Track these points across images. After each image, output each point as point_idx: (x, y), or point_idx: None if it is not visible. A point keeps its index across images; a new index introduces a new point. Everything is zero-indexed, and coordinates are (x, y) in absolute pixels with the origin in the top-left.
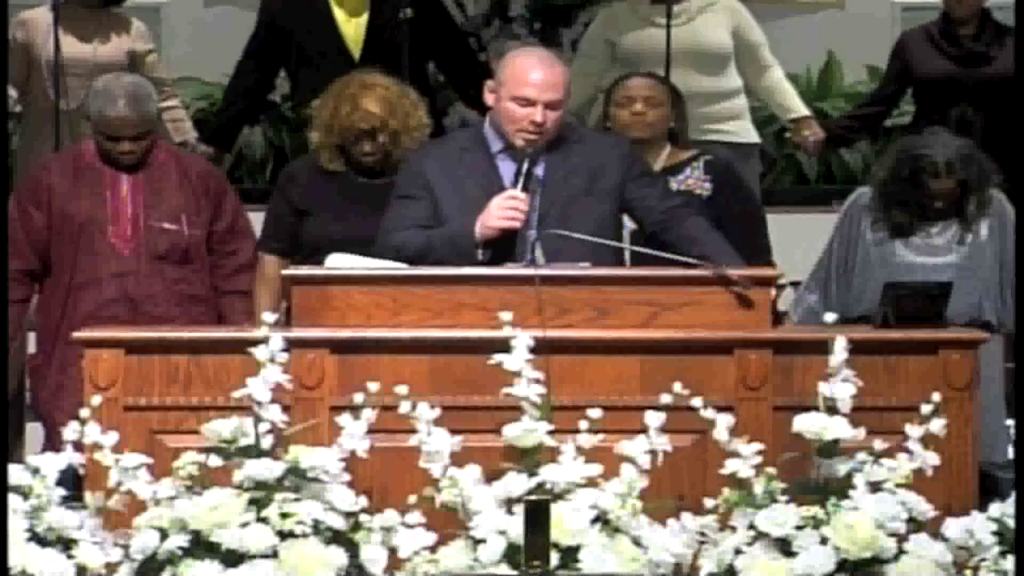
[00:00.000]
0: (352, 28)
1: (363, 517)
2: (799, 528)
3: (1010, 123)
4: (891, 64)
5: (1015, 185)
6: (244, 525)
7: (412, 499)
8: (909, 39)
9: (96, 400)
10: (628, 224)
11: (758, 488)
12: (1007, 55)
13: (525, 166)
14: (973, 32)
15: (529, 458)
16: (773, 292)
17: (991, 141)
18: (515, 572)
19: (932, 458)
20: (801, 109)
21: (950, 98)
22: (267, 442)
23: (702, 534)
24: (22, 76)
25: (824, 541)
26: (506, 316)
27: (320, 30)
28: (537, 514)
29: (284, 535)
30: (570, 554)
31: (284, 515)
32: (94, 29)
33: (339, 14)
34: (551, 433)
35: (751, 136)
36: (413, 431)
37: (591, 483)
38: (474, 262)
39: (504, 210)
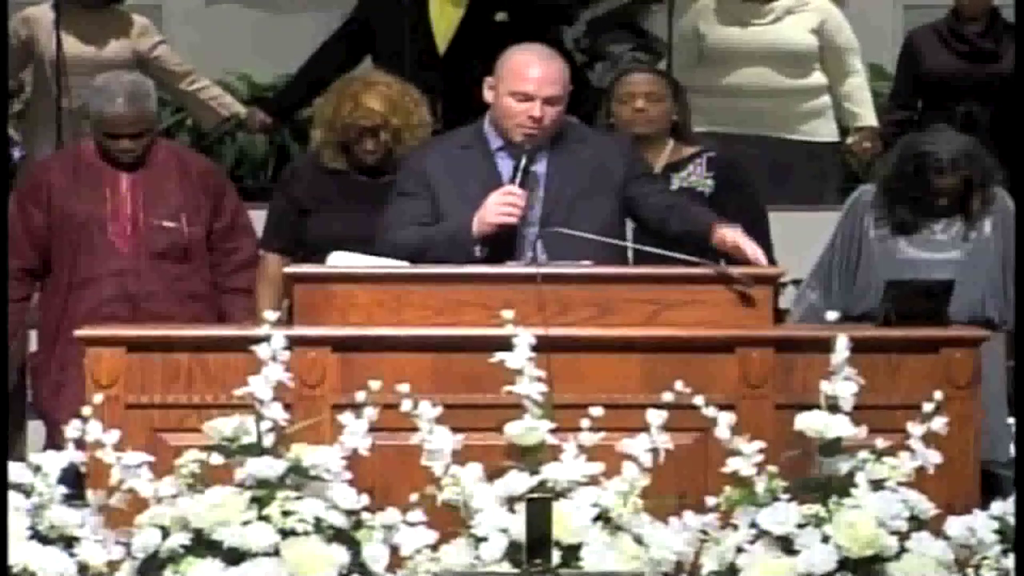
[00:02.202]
0: (445, 22)
1: (365, 515)
2: (801, 526)
3: (1015, 121)
4: (901, 66)
5: (1017, 182)
6: (246, 523)
7: (414, 497)
8: (917, 36)
9: (98, 398)
10: (630, 223)
11: (760, 486)
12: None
13: (523, 162)
14: (981, 29)
15: (531, 456)
16: (774, 289)
17: (997, 138)
18: (516, 570)
19: (934, 456)
20: (870, 120)
21: (957, 95)
22: (269, 440)
23: (704, 532)
24: (19, 72)
25: (826, 539)
26: (508, 314)
27: (411, 20)
28: (538, 512)
29: (286, 533)
30: (572, 552)
31: (286, 513)
32: (96, 28)
33: (433, 5)
34: (553, 431)
35: (829, 135)
36: (415, 429)
37: (593, 481)
38: (472, 259)
39: (501, 206)
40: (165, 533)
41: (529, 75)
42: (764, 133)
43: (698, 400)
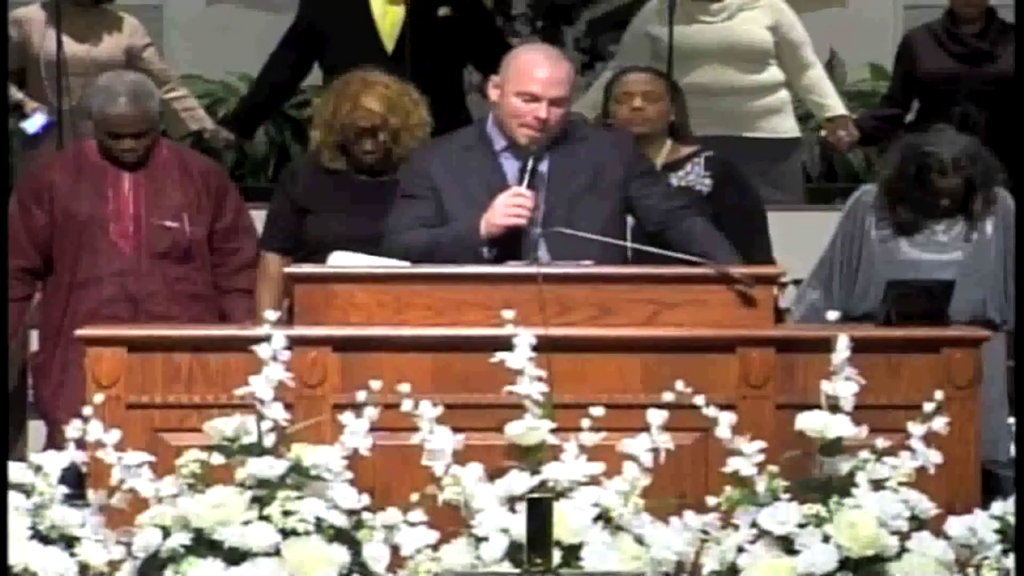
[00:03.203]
0: (388, 21)
1: (365, 515)
2: (801, 526)
3: (1013, 121)
4: (897, 65)
5: (1017, 182)
6: (246, 523)
7: (414, 497)
8: (914, 38)
9: (98, 398)
10: (630, 220)
11: (760, 486)
12: (1011, 53)
13: (530, 163)
14: (978, 30)
15: (531, 456)
16: (775, 290)
17: (994, 139)
18: (517, 570)
19: (934, 456)
20: (838, 108)
21: (953, 96)
22: (269, 440)
23: (704, 532)
24: (15, 74)
25: (826, 539)
26: (508, 314)
27: (355, 21)
28: (539, 512)
29: (286, 533)
30: (572, 552)
31: (286, 513)
32: (89, 27)
33: (376, 5)
34: (553, 431)
35: (791, 131)
36: (415, 429)
37: (593, 481)
38: (480, 260)
39: (510, 207)
40: (166, 533)
41: (536, 76)
42: (724, 132)
43: (699, 400)
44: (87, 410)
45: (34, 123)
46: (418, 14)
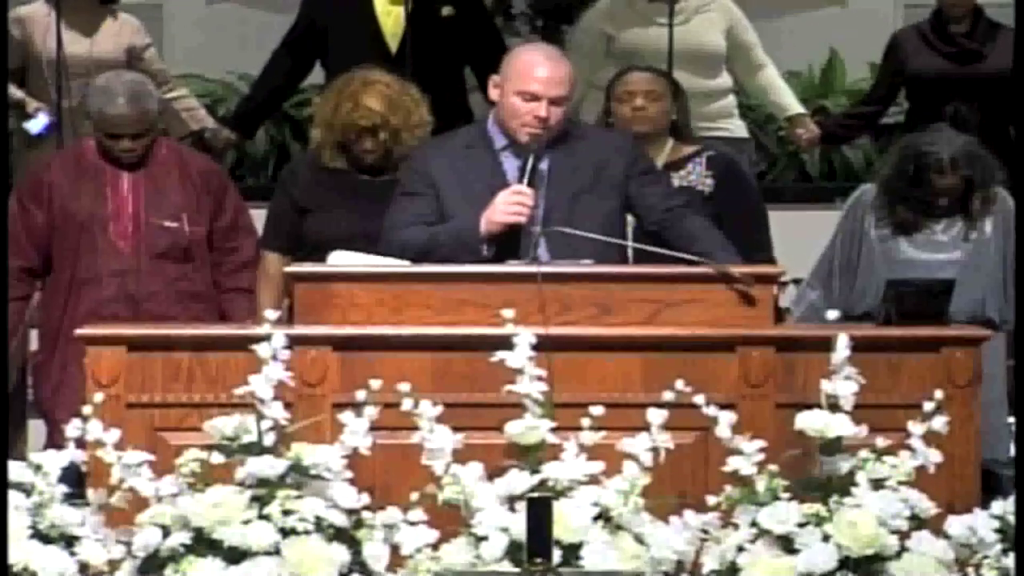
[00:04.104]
0: (391, 21)
1: (365, 514)
2: (801, 525)
3: (1003, 120)
4: (885, 64)
5: (1017, 182)
6: (246, 522)
7: (414, 496)
8: (902, 37)
9: (98, 397)
10: (631, 220)
11: (760, 485)
12: (999, 52)
13: (530, 162)
14: (966, 29)
15: (531, 455)
16: (775, 289)
17: (985, 138)
18: (517, 569)
19: (934, 455)
20: (795, 107)
21: (943, 95)
22: (269, 439)
23: (704, 531)
24: (16, 73)
25: (826, 538)
26: (508, 313)
27: (358, 21)
28: (539, 511)
29: (286, 532)
30: (572, 551)
31: (286, 512)
32: (91, 27)
33: (379, 5)
34: (553, 430)
35: (742, 131)
36: (415, 428)
37: (593, 480)
38: (479, 258)
39: (510, 205)
40: (166, 532)
41: (536, 75)
42: None
43: (699, 399)
44: (87, 409)
45: (37, 123)
46: (421, 14)
